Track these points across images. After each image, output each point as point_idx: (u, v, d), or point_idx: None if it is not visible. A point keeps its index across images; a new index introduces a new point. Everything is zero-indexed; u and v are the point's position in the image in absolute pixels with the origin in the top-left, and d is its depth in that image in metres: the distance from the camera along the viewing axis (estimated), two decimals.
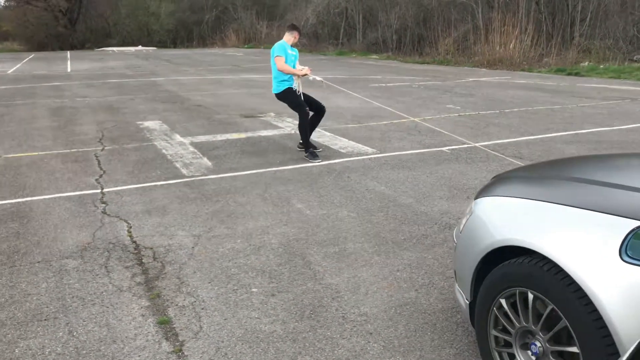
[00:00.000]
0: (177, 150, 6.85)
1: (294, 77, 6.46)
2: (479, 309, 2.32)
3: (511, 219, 2.22)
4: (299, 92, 6.48)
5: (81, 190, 5.22)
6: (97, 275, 3.42)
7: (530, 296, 2.05)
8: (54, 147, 7.11)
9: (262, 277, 3.37)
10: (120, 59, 27.37)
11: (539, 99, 11.13)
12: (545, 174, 2.56)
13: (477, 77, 16.16)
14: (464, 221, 2.53)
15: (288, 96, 6.51)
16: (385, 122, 8.63)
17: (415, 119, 8.80)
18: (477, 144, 6.84)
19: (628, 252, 1.76)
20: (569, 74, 16.37)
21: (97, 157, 6.54)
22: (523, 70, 18.19)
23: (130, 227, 4.23)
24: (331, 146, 6.99)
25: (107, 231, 4.15)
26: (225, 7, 49.25)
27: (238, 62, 23.34)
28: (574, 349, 1.90)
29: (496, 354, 2.28)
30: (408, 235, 4.00)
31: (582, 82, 14.30)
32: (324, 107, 6.75)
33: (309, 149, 6.46)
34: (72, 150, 6.91)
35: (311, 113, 6.56)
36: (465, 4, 26.85)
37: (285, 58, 6.30)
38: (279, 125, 8.51)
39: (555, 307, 1.94)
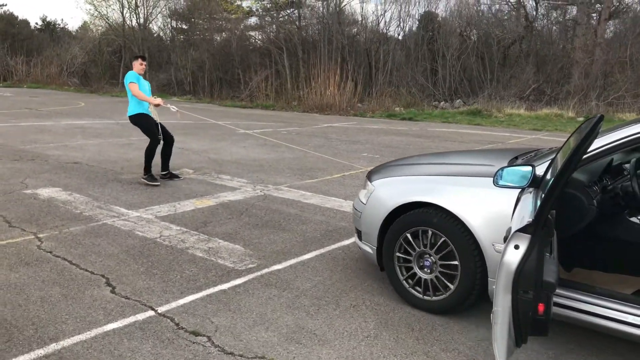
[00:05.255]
0: (161, 231, 4.95)
1: (149, 106, 6.87)
2: (387, 249, 3.47)
3: (404, 189, 3.46)
4: (156, 121, 6.91)
5: (123, 316, 3.25)
6: None
7: (424, 230, 3.29)
8: None
9: None
10: None
11: (424, 144, 11.47)
12: (408, 163, 3.99)
13: (326, 122, 16.18)
14: (363, 197, 3.75)
15: (142, 121, 6.86)
16: (336, 175, 7.76)
17: (362, 170, 8.14)
18: None
19: (498, 182, 2.91)
20: (403, 119, 17.56)
21: (51, 252, 4.31)
22: (355, 115, 18.94)
23: None
24: (345, 209, 5.88)
25: None
26: None
27: (25, 105, 19.37)
28: (456, 268, 3.18)
29: (400, 275, 3.46)
30: None
31: (425, 126, 15.38)
32: (173, 137, 7.18)
33: (149, 173, 6.88)
34: None
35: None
36: (269, 49, 27.20)
37: (138, 85, 6.75)
38: (230, 185, 6.96)
39: (441, 235, 3.21)
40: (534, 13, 24.53)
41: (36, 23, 47.34)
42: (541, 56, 22.72)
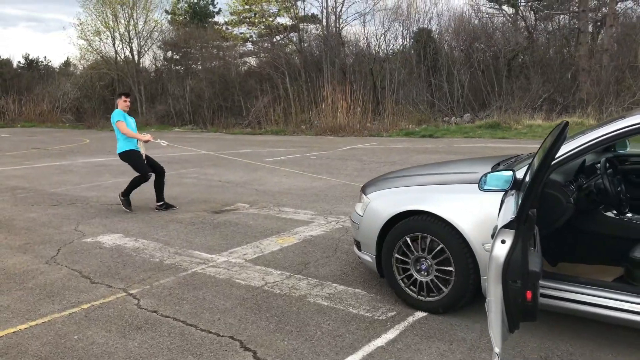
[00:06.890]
0: (263, 277, 4.44)
1: (137, 142, 6.99)
2: (386, 254, 3.68)
3: (397, 199, 3.70)
4: (143, 155, 7.04)
5: None
6: None
7: (418, 236, 3.51)
8: (35, 307, 3.95)
9: None
10: None
11: None
12: (398, 175, 4.27)
13: (347, 144, 15.79)
14: (360, 210, 3.99)
15: (131, 157, 7.03)
16: None
17: None
18: None
19: (482, 187, 3.17)
20: (423, 136, 17.23)
21: (156, 312, 3.78)
22: (371, 135, 18.58)
23: None
24: None
25: None
26: None
27: (27, 145, 18.77)
28: (450, 268, 3.42)
29: (399, 280, 3.65)
30: None
31: (450, 143, 15.04)
32: (163, 168, 7.34)
33: (127, 197, 7.12)
34: (81, 307, 3.92)
35: (153, 175, 7.16)
36: (269, 73, 26.89)
37: (125, 123, 6.91)
38: (299, 218, 6.47)
39: (435, 239, 3.44)
40: (533, 23, 24.55)
41: (19, 62, 46.51)
42: (547, 65, 22.63)
